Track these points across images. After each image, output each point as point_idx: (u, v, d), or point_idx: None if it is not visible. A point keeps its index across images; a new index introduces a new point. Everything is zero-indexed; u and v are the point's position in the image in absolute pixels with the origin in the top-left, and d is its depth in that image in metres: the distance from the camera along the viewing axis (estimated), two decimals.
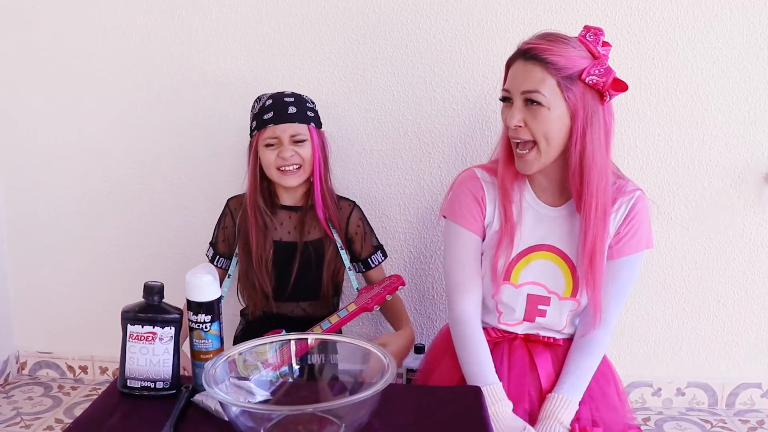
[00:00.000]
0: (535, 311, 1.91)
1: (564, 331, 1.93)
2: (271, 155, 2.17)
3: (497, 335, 1.96)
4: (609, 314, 1.87)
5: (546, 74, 1.69)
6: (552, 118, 1.71)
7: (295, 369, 1.50)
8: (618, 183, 1.86)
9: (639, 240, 1.86)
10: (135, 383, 1.50)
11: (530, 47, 1.73)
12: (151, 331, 1.50)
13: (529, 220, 1.88)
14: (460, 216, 1.93)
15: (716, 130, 2.48)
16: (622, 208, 1.84)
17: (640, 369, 2.70)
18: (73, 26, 2.60)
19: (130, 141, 2.68)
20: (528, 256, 1.89)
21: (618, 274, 1.87)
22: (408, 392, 1.60)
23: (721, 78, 2.44)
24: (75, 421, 1.41)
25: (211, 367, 1.33)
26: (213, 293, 1.48)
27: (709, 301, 2.63)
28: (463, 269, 1.94)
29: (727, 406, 2.72)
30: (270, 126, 2.17)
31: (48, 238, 2.84)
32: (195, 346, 1.49)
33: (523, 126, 1.73)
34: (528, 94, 1.71)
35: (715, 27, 2.39)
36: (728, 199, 2.54)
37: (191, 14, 2.54)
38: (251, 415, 1.27)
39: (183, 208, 2.68)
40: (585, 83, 1.69)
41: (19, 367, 2.99)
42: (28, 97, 2.71)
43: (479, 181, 1.93)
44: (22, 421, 2.60)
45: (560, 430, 1.72)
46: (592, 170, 1.72)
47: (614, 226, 1.84)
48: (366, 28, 2.49)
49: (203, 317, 1.47)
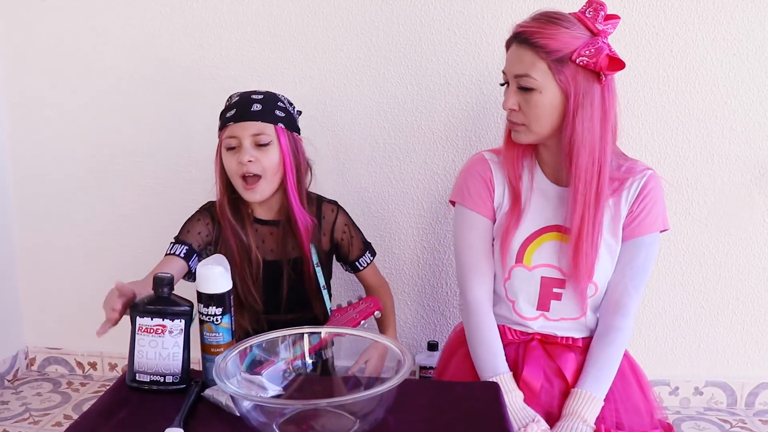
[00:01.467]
0: (550, 294, 1.86)
1: (582, 320, 1.88)
2: (232, 160, 1.95)
3: (514, 336, 1.92)
4: (627, 299, 1.83)
5: (536, 58, 1.68)
6: (544, 102, 1.70)
7: (308, 363, 1.47)
8: (628, 164, 1.84)
9: (654, 219, 1.82)
10: (144, 377, 1.47)
11: (521, 30, 1.72)
12: (160, 323, 1.47)
13: (538, 199, 1.85)
14: (468, 199, 1.91)
15: (736, 123, 2.45)
16: (633, 186, 1.81)
17: (657, 367, 2.66)
18: (83, 18, 2.60)
19: (140, 134, 2.68)
20: (540, 237, 1.85)
21: (635, 256, 1.83)
22: (423, 388, 1.57)
23: (742, 70, 2.41)
24: (82, 415, 1.39)
25: (222, 360, 1.31)
26: (224, 285, 1.46)
27: (728, 298, 2.60)
28: (473, 252, 1.91)
29: (747, 405, 2.69)
30: (230, 125, 1.96)
31: (58, 234, 2.83)
32: (205, 340, 1.47)
33: (518, 110, 1.74)
34: (519, 78, 1.71)
35: (735, 18, 2.36)
36: (748, 195, 2.51)
37: (202, 7, 2.53)
38: (263, 410, 1.24)
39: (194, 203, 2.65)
40: (576, 64, 1.67)
41: (28, 362, 2.99)
42: (39, 89, 2.71)
43: (487, 162, 1.91)
44: (31, 417, 2.59)
45: (584, 429, 1.69)
46: (581, 151, 1.70)
47: (626, 205, 1.81)
48: (379, 20, 2.47)
49: (214, 309, 1.44)
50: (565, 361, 1.84)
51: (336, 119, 2.52)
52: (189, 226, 2.10)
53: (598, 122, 1.70)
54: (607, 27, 1.69)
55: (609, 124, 1.72)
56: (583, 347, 1.88)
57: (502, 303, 1.93)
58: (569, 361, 1.84)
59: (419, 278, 2.67)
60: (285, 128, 1.99)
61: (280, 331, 1.48)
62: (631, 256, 1.83)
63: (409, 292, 2.69)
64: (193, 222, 2.10)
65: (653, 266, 1.86)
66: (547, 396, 1.79)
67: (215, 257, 1.54)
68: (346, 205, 2.21)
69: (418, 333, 2.73)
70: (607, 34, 1.70)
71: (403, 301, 2.70)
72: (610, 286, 1.85)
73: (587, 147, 1.70)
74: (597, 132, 1.70)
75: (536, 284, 1.86)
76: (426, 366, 2.55)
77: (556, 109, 1.71)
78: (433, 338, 2.68)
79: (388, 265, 2.64)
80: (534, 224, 1.85)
